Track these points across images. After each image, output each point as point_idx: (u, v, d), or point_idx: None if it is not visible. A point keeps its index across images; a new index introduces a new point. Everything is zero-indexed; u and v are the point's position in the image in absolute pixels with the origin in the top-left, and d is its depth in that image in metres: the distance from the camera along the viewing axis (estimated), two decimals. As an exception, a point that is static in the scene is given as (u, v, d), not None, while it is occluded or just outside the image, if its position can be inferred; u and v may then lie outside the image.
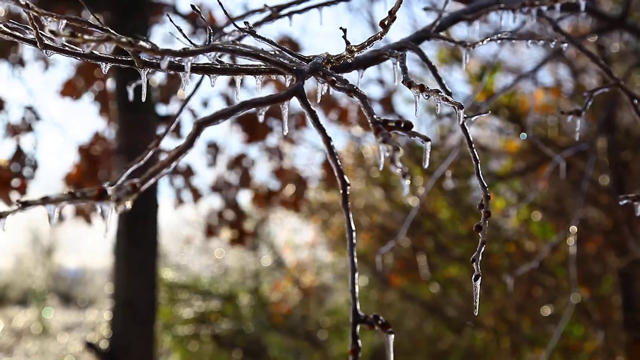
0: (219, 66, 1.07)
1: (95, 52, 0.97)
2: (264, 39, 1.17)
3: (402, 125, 0.88)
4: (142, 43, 0.81)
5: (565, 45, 1.66)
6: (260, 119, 0.98)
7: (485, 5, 1.60)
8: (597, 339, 6.15)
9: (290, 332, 9.63)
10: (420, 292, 7.80)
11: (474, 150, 1.22)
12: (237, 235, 6.82)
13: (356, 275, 0.85)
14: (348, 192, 0.90)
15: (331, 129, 7.36)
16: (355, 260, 0.86)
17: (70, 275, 18.77)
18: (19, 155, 5.36)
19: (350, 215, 0.89)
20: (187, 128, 6.56)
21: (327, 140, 0.91)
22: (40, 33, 0.94)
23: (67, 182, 6.11)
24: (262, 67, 1.07)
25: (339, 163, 0.90)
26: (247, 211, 7.42)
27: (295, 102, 1.03)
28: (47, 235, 16.44)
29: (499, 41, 1.39)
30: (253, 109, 0.92)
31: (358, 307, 0.84)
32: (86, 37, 0.79)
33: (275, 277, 10.91)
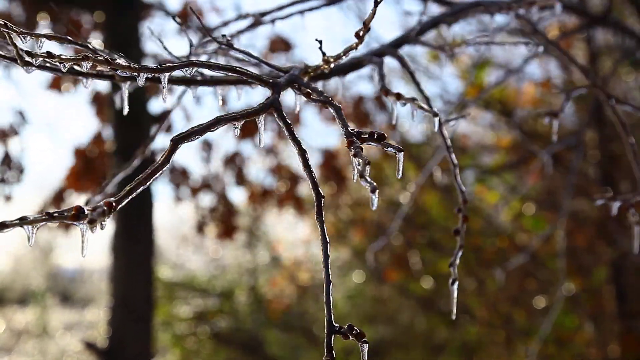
0: (199, 78, 1.10)
1: (77, 67, 1.00)
2: (242, 51, 1.18)
3: (376, 137, 0.90)
4: (119, 60, 0.85)
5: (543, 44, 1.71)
6: (236, 132, 0.98)
7: (464, 8, 1.64)
8: (589, 330, 6.22)
9: (287, 328, 9.68)
10: (415, 287, 7.86)
11: (452, 155, 1.25)
12: (224, 229, 6.86)
13: (330, 286, 0.88)
14: (322, 205, 0.90)
15: (324, 127, 7.40)
16: (330, 272, 0.88)
17: (69, 275, 18.80)
18: (6, 159, 5.38)
19: (325, 229, 0.90)
20: (179, 126, 6.62)
21: (302, 153, 0.93)
22: (20, 51, 0.96)
23: (64, 184, 6.14)
24: (240, 78, 1.07)
25: (314, 176, 0.91)
26: (239, 207, 7.45)
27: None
28: (45, 235, 16.46)
29: (478, 43, 1.44)
30: (229, 124, 0.93)
31: (332, 318, 0.85)
32: (63, 56, 0.83)
33: (272, 274, 10.95)
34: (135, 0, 5.55)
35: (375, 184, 0.80)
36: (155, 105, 5.99)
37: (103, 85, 6.08)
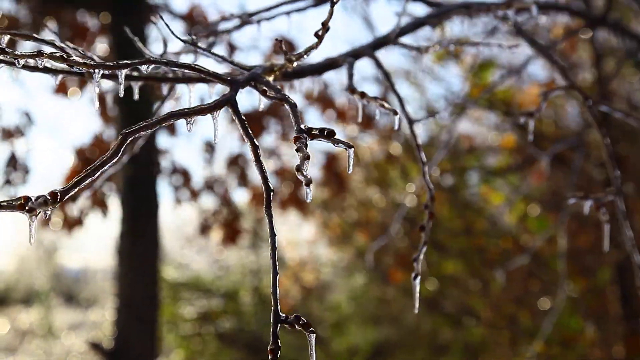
0: (170, 76, 1.12)
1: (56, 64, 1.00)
2: (205, 49, 1.21)
3: (325, 133, 0.92)
4: (75, 57, 0.86)
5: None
6: (188, 127, 0.98)
7: (448, 10, 1.65)
8: (594, 331, 6.20)
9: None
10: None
11: (422, 153, 1.27)
12: (228, 234, 6.87)
13: (277, 277, 0.88)
14: (271, 198, 0.92)
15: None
16: (277, 263, 0.89)
17: (73, 275, 18.87)
18: (12, 161, 5.42)
19: (273, 221, 0.91)
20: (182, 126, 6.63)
21: (254, 148, 0.94)
22: None
23: (65, 183, 6.17)
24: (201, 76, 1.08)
25: (265, 170, 0.93)
26: (242, 210, 7.46)
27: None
28: (49, 236, 16.54)
29: (455, 44, 1.45)
30: (181, 119, 0.94)
31: (279, 308, 0.87)
32: (17, 53, 0.84)
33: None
34: (140, 2, 5.57)
35: (310, 177, 0.83)
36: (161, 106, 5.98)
37: (107, 85, 6.10)
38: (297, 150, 0.88)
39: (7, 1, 5.63)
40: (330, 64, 1.38)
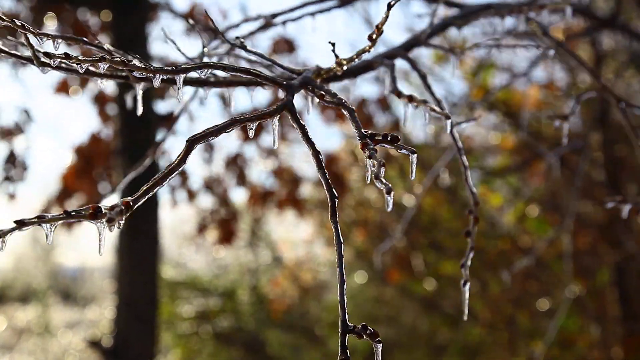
0: (212, 79, 1.10)
1: (92, 68, 1.00)
2: (255, 53, 1.17)
3: (389, 139, 0.89)
4: (135, 62, 0.85)
5: (552, 48, 1.70)
6: (251, 134, 0.97)
7: (475, 11, 1.64)
8: (593, 332, 6.20)
9: (289, 328, 9.69)
10: (417, 288, 7.86)
11: (463, 157, 1.25)
12: (224, 234, 6.86)
13: (344, 286, 0.86)
14: (337, 206, 0.89)
15: (328, 129, 7.42)
16: (344, 272, 0.87)
17: (70, 273, 18.86)
18: (11, 158, 5.39)
19: (339, 229, 0.88)
20: (182, 127, 6.61)
21: (316, 154, 0.92)
22: (36, 52, 0.95)
23: (62, 182, 6.15)
24: (254, 79, 1.05)
25: (327, 177, 0.90)
26: (240, 210, 7.46)
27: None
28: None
29: (488, 46, 1.44)
30: (242, 125, 0.92)
31: (347, 317, 0.85)
32: (80, 58, 0.83)
33: (274, 274, 10.96)
34: (141, 1, 5.55)
35: (390, 185, 0.79)
36: (161, 105, 5.99)
37: (106, 85, 6.07)
38: (369, 158, 0.83)
39: (7, -1, 5.61)
40: (367, 67, 1.36)
